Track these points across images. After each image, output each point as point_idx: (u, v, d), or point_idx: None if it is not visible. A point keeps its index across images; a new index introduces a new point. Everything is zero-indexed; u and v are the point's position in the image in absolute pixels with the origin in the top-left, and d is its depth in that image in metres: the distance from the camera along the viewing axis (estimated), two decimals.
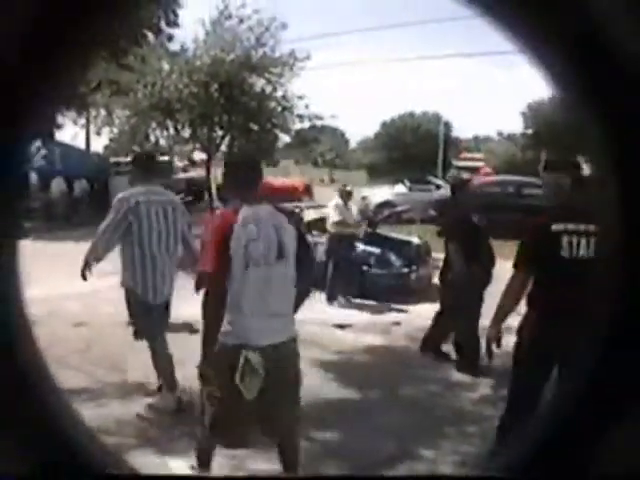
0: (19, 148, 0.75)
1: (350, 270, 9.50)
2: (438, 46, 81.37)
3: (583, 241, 3.96)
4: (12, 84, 0.71)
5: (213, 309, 3.18)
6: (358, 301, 9.00)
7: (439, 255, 12.61)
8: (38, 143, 16.49)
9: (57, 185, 18.23)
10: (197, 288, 3.41)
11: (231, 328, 3.09)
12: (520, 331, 4.10)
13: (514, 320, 4.07)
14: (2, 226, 0.76)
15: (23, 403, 0.77)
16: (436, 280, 11.12)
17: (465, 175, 9.51)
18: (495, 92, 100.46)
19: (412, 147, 54.33)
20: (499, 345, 4.18)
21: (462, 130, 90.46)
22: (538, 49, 0.66)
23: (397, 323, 9.06)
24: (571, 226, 4.01)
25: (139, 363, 5.23)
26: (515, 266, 4.18)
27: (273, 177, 36.18)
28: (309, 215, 10.96)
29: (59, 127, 25.14)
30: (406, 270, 10.90)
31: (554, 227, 4.05)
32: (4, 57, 0.70)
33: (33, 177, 16.95)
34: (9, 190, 0.75)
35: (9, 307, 0.78)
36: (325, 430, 4.68)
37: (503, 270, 4.80)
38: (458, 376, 6.58)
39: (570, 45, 0.65)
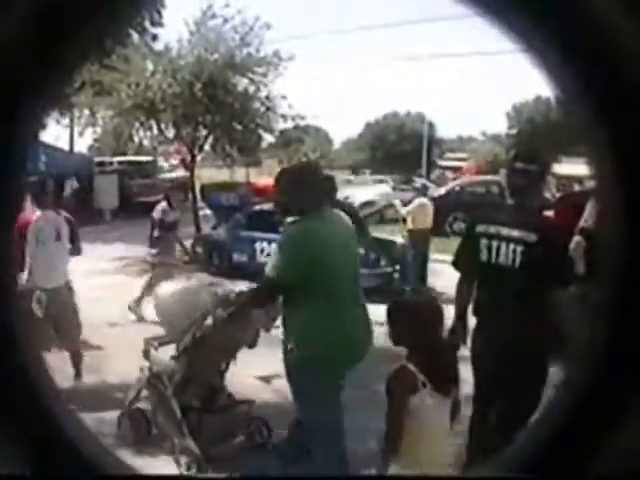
0: (17, 149, 0.74)
1: None
2: (423, 45, 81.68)
3: (503, 247, 3.84)
4: (3, 85, 0.69)
5: None
6: None
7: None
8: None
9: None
10: None
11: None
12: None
13: None
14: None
15: (20, 401, 0.77)
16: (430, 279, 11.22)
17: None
18: (479, 92, 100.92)
19: (396, 147, 54.43)
20: (456, 346, 4.19)
21: (446, 130, 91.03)
22: (538, 48, 0.65)
23: (378, 324, 9.06)
24: (493, 229, 3.92)
25: None
26: (452, 263, 4.25)
27: (257, 177, 36.10)
28: None
29: (43, 127, 24.94)
30: (389, 270, 10.91)
31: (478, 228, 4.03)
32: None
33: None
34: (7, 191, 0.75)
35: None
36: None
37: None
38: None
39: (570, 44, 0.64)
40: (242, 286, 9.42)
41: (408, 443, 2.86)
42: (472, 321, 4.16)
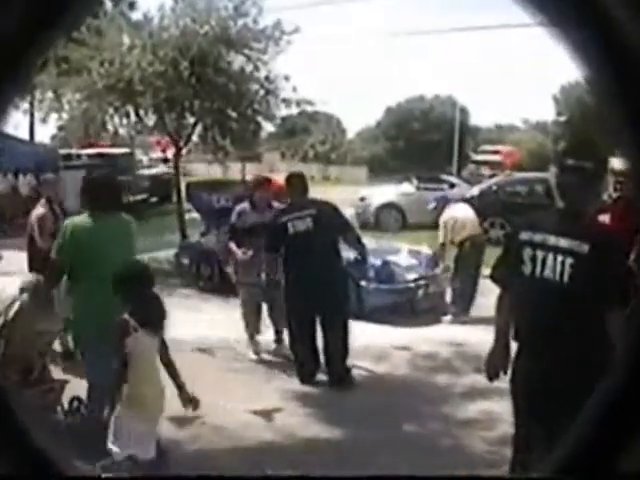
0: None
1: None
2: (454, 17, 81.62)
3: (550, 259, 3.87)
4: None
5: None
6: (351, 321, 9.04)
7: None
8: None
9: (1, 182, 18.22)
10: None
11: None
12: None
13: None
14: None
15: None
16: (449, 298, 11.23)
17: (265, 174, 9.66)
18: (521, 72, 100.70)
19: (422, 138, 54.36)
20: (494, 375, 4.21)
21: (482, 117, 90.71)
22: (570, 27, 0.67)
23: (399, 348, 9.11)
24: (538, 237, 3.94)
25: None
26: (490, 276, 4.25)
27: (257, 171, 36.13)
28: None
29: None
30: (412, 285, 10.93)
31: (522, 236, 4.03)
32: None
33: None
34: None
35: None
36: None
37: None
38: (469, 412, 6.60)
39: (604, 27, 0.66)
40: (236, 303, 9.45)
41: (131, 374, 4.66)
42: (513, 346, 4.18)
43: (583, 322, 3.76)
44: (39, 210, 8.57)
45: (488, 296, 9.44)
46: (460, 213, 10.75)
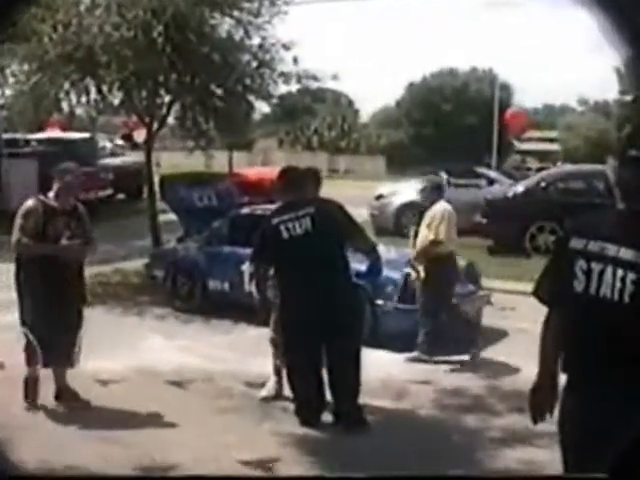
0: None
1: None
2: None
3: (609, 273, 3.82)
4: None
5: None
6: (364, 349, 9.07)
7: (492, 283, 12.75)
8: None
9: None
10: None
11: None
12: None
13: None
14: None
15: None
16: (489, 322, 11.24)
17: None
18: (575, 42, 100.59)
19: (453, 121, 54.35)
20: (540, 415, 4.22)
21: (528, 96, 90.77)
22: None
23: (422, 382, 9.13)
24: (594, 245, 3.90)
25: None
26: (534, 292, 4.24)
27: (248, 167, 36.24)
28: None
29: None
30: None
31: (573, 243, 4.02)
32: None
33: None
34: None
35: None
36: None
37: None
38: (507, 461, 6.64)
39: None
40: (222, 327, 9.51)
41: None
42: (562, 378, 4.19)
43: None
44: None
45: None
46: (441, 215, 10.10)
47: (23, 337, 8.07)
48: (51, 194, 8.12)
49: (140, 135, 20.45)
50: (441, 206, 10.03)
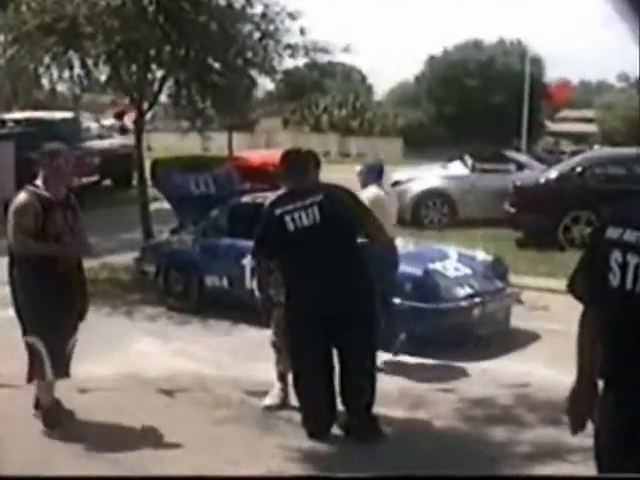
0: None
1: None
2: None
3: None
4: None
5: None
6: (381, 354, 9.03)
7: (522, 280, 12.72)
8: None
9: None
10: None
11: None
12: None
13: None
14: None
15: None
16: (519, 323, 11.21)
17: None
18: (612, 10, 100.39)
19: (478, 99, 54.29)
20: (580, 425, 4.19)
21: (562, 72, 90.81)
22: None
23: (443, 390, 9.10)
24: (633, 236, 3.88)
25: None
26: (568, 287, 4.21)
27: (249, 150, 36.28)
28: None
29: None
30: (465, 304, 10.93)
31: (609, 233, 4.00)
32: None
33: None
34: None
35: None
36: None
37: None
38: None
39: None
40: (220, 328, 9.54)
41: None
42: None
43: None
44: None
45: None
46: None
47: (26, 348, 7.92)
48: (39, 182, 7.98)
49: (131, 119, 20.42)
50: (370, 192, 9.85)
